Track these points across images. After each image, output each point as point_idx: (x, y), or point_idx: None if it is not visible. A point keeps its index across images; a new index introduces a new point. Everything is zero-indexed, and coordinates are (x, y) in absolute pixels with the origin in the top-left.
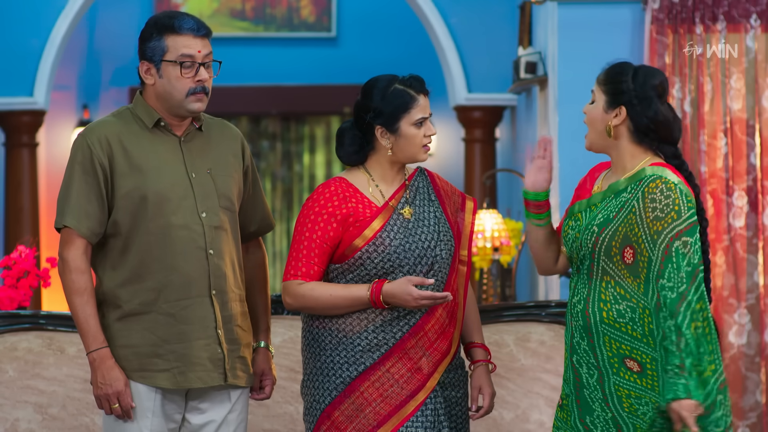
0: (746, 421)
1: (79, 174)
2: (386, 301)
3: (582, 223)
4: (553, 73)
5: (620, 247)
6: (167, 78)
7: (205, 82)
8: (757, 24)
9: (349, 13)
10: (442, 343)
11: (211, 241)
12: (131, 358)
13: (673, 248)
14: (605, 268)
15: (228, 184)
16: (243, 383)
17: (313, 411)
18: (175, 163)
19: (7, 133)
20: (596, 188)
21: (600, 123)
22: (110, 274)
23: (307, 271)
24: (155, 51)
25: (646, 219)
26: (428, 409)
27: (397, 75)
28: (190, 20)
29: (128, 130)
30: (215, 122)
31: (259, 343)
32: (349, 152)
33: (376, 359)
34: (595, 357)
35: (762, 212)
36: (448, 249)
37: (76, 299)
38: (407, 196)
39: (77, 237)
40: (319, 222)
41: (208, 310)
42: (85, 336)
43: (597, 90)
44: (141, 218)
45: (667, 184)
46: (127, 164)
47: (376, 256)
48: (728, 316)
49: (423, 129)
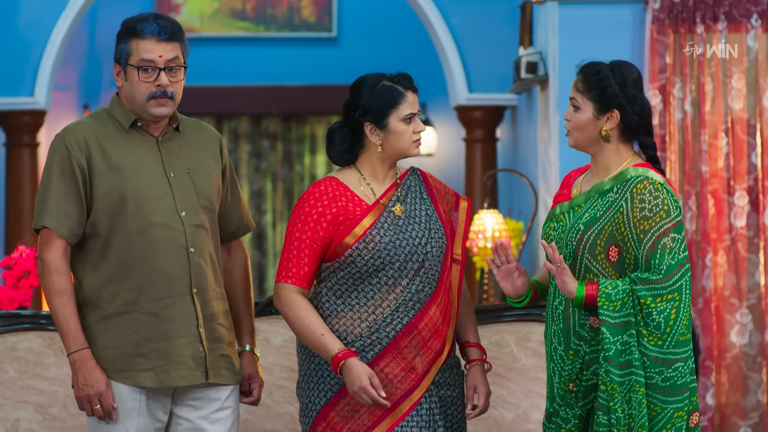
0: (748, 421)
1: (58, 175)
2: (341, 370)
3: (566, 224)
4: (553, 73)
5: (605, 246)
6: (130, 81)
7: (167, 87)
8: (758, 24)
9: (349, 13)
10: (435, 341)
11: (192, 239)
12: (113, 359)
13: (659, 245)
14: (589, 266)
15: (207, 184)
16: (226, 381)
17: (308, 412)
18: (153, 163)
19: (8, 133)
20: (576, 191)
21: (591, 129)
22: (90, 275)
23: (298, 272)
24: (122, 54)
25: (633, 218)
26: (423, 409)
27: (385, 73)
28: (154, 24)
29: (106, 131)
30: (192, 123)
31: (244, 346)
32: (340, 151)
33: (370, 359)
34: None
35: (763, 212)
36: (440, 246)
37: (56, 300)
38: (399, 194)
39: (56, 238)
40: (309, 222)
41: (190, 309)
42: (66, 337)
43: (580, 98)
44: (120, 218)
45: (654, 185)
46: (105, 164)
47: (367, 253)
48: (730, 315)
49: (412, 125)
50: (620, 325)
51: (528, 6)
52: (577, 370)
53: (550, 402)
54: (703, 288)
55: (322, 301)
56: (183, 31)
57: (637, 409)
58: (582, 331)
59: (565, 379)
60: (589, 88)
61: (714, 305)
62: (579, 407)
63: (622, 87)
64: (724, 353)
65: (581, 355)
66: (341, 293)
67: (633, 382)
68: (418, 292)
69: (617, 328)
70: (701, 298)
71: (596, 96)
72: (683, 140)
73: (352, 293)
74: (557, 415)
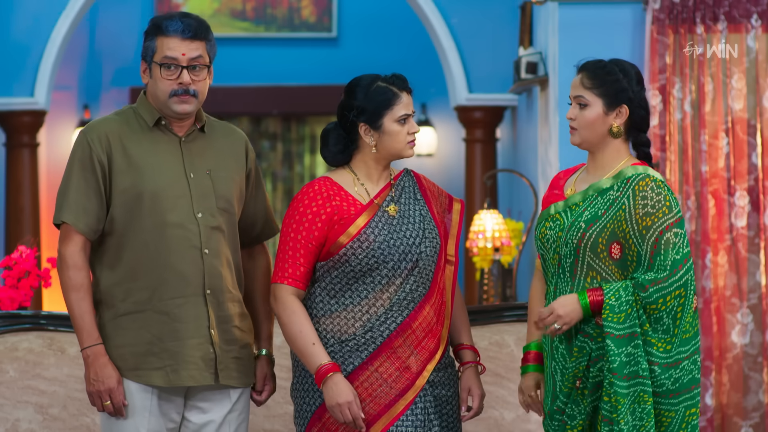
0: (749, 421)
1: (78, 171)
2: (326, 381)
3: (564, 223)
4: (553, 73)
5: (607, 243)
6: (154, 78)
7: (189, 85)
8: (758, 24)
9: (349, 14)
10: (429, 341)
11: (207, 240)
12: (127, 357)
13: (662, 240)
14: (591, 264)
15: (228, 186)
16: (238, 384)
17: (303, 414)
18: (174, 163)
19: (8, 134)
20: (570, 190)
21: (600, 126)
22: (107, 273)
23: (294, 272)
24: (148, 51)
25: (636, 216)
26: (418, 408)
27: (380, 74)
28: (179, 22)
29: (129, 129)
30: (220, 125)
31: (261, 351)
32: (334, 152)
33: (364, 359)
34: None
35: (764, 212)
36: (433, 246)
37: (72, 295)
38: (393, 195)
39: (75, 233)
40: (304, 222)
41: (202, 310)
42: (80, 332)
43: (588, 94)
44: (136, 216)
45: (656, 182)
46: (125, 162)
47: (361, 253)
48: (731, 315)
49: (406, 126)
50: (625, 336)
51: (528, 6)
52: (583, 367)
53: (552, 400)
54: (704, 288)
55: (316, 301)
56: (209, 31)
57: (646, 419)
58: (587, 328)
59: (569, 377)
60: (597, 83)
61: (715, 305)
62: (586, 404)
63: (631, 81)
64: (725, 353)
65: (587, 352)
66: (335, 293)
67: (640, 392)
68: (412, 291)
69: (622, 340)
70: (701, 298)
71: (606, 91)
72: (683, 140)
73: (345, 293)
74: (561, 413)
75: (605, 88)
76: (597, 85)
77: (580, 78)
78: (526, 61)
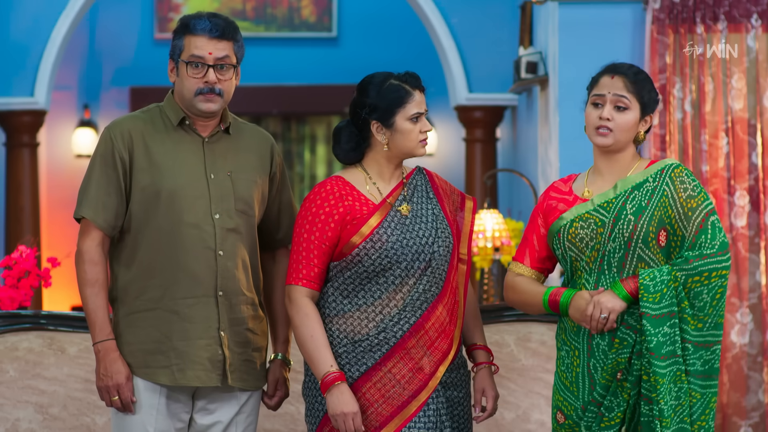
0: (749, 421)
1: (100, 166)
2: (332, 388)
3: (603, 219)
4: (553, 73)
5: (656, 231)
6: (181, 77)
7: (214, 84)
8: (758, 24)
9: (349, 13)
10: (442, 342)
11: (222, 242)
12: (137, 354)
13: (708, 222)
14: (641, 255)
15: (248, 188)
16: (247, 387)
17: (315, 412)
18: (195, 163)
19: (8, 133)
20: (587, 193)
21: (634, 130)
22: (124, 270)
23: (308, 273)
24: (175, 50)
25: (680, 199)
26: (430, 410)
27: (393, 72)
28: (207, 22)
29: (153, 127)
30: (247, 127)
31: (277, 354)
32: (346, 149)
33: (377, 359)
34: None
35: (764, 212)
36: (446, 246)
37: (87, 290)
38: (405, 194)
39: (94, 228)
40: (317, 223)
41: (212, 311)
42: (93, 327)
43: (630, 98)
44: (153, 214)
45: (688, 171)
46: (146, 160)
47: (374, 253)
48: (731, 315)
49: (419, 125)
50: (661, 316)
51: (528, 6)
52: (624, 359)
53: (589, 392)
54: None
55: (329, 301)
56: (237, 32)
57: (683, 398)
58: (630, 319)
59: (608, 368)
60: (638, 89)
61: None
62: (625, 397)
63: (656, 91)
64: (725, 353)
65: (629, 343)
66: (348, 293)
67: (677, 371)
68: (425, 291)
69: (658, 320)
70: None
71: (643, 98)
72: (683, 140)
73: (359, 293)
74: (597, 405)
75: (644, 95)
76: (638, 90)
77: (622, 80)
78: (526, 60)
